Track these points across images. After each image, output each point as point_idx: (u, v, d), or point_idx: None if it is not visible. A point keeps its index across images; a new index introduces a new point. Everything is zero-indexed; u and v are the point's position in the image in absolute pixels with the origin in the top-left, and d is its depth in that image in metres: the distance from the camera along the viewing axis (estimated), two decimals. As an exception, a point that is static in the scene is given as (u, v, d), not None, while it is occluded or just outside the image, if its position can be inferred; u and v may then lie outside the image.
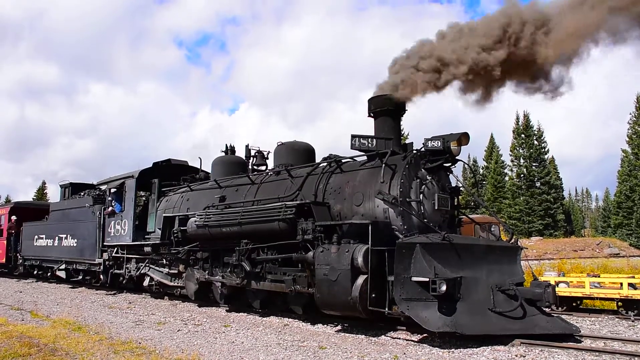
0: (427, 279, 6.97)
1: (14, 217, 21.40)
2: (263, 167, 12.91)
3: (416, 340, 7.57)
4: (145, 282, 13.66)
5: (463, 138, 8.71)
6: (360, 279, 7.64)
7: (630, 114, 52.13)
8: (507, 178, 57.94)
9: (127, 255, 14.31)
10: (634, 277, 10.04)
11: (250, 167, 12.93)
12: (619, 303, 9.83)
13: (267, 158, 13.00)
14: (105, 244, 15.15)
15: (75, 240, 16.66)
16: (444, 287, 6.91)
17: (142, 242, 13.59)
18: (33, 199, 62.50)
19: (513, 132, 56.50)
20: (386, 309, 7.53)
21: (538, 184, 54.14)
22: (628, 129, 52.03)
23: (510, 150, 56.42)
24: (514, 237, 8.77)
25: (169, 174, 14.50)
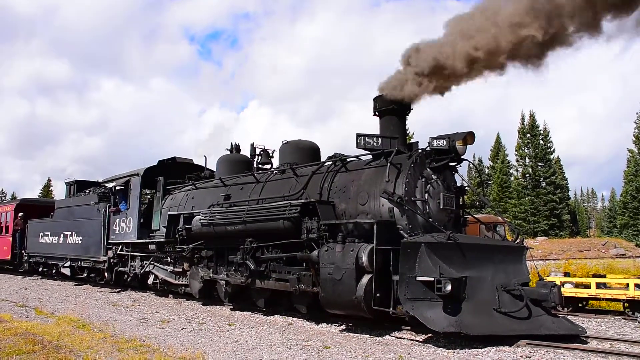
0: (432, 279, 6.94)
1: (21, 214, 21.48)
2: (268, 166, 12.91)
3: (421, 340, 7.54)
4: (150, 280, 13.68)
5: (469, 137, 8.67)
6: (365, 278, 7.61)
7: (637, 113, 51.95)
8: (512, 178, 57.80)
9: (132, 253, 14.34)
10: (640, 278, 9.97)
11: (255, 165, 12.93)
12: (625, 304, 9.76)
13: (272, 157, 13.00)
14: (110, 241, 15.19)
15: (80, 237, 16.71)
16: (449, 287, 6.88)
17: (147, 240, 13.61)
18: (39, 196, 62.87)
19: (518, 131, 56.39)
20: (391, 309, 7.51)
21: (544, 184, 53.99)
22: (634, 129, 51.89)
23: (516, 150, 56.30)
24: (520, 237, 8.73)
25: (174, 172, 14.50)
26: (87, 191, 17.85)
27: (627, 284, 9.65)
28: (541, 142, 55.03)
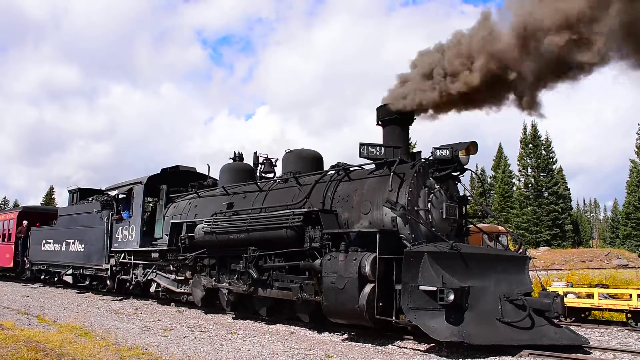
0: (435, 288, 6.95)
1: (25, 222, 21.51)
2: (271, 175, 12.94)
3: (423, 349, 7.53)
4: (152, 288, 13.67)
5: (471, 147, 8.70)
6: (368, 288, 7.62)
7: (639, 124, 51.96)
8: (514, 188, 57.74)
9: (134, 261, 14.34)
10: (643, 289, 9.95)
11: (258, 174, 12.96)
12: (628, 315, 9.74)
13: (275, 165, 13.03)
14: (112, 249, 15.19)
15: (83, 245, 16.71)
16: (451, 297, 6.88)
17: (150, 248, 13.61)
18: (41, 203, 62.91)
19: (520, 142, 56.36)
20: (393, 318, 7.51)
21: (546, 194, 53.88)
22: (637, 139, 51.90)
23: (518, 160, 56.29)
24: (522, 247, 8.73)
25: (177, 181, 14.54)
26: (90, 199, 17.86)
27: (630, 295, 9.64)
28: (543, 152, 55.02)
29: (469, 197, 9.74)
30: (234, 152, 13.80)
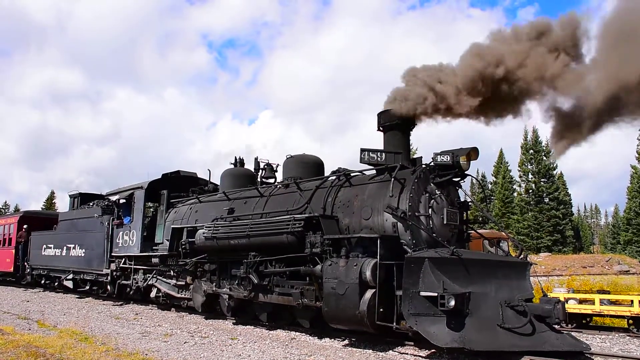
0: (436, 294, 6.93)
1: (25, 226, 21.51)
2: (272, 180, 12.95)
3: (424, 355, 7.51)
4: (153, 294, 13.66)
5: (472, 153, 8.71)
6: (368, 293, 7.61)
7: (639, 130, 51.94)
8: (515, 194, 57.73)
9: (135, 266, 14.32)
10: (645, 295, 9.92)
11: (259, 179, 12.97)
12: (630, 321, 9.71)
13: (276, 171, 13.05)
14: (113, 254, 15.19)
15: (83, 250, 16.71)
16: (452, 302, 6.86)
17: (150, 253, 13.61)
18: (42, 208, 62.95)
19: (521, 147, 56.42)
20: (394, 324, 7.49)
21: (547, 200, 53.89)
22: (637, 145, 51.88)
23: (519, 166, 56.30)
24: (523, 252, 8.71)
25: (178, 186, 14.55)
26: (91, 204, 17.86)
27: (632, 301, 9.61)
28: (544, 158, 55.04)
29: (469, 203, 9.73)
30: (235, 157, 13.81)
